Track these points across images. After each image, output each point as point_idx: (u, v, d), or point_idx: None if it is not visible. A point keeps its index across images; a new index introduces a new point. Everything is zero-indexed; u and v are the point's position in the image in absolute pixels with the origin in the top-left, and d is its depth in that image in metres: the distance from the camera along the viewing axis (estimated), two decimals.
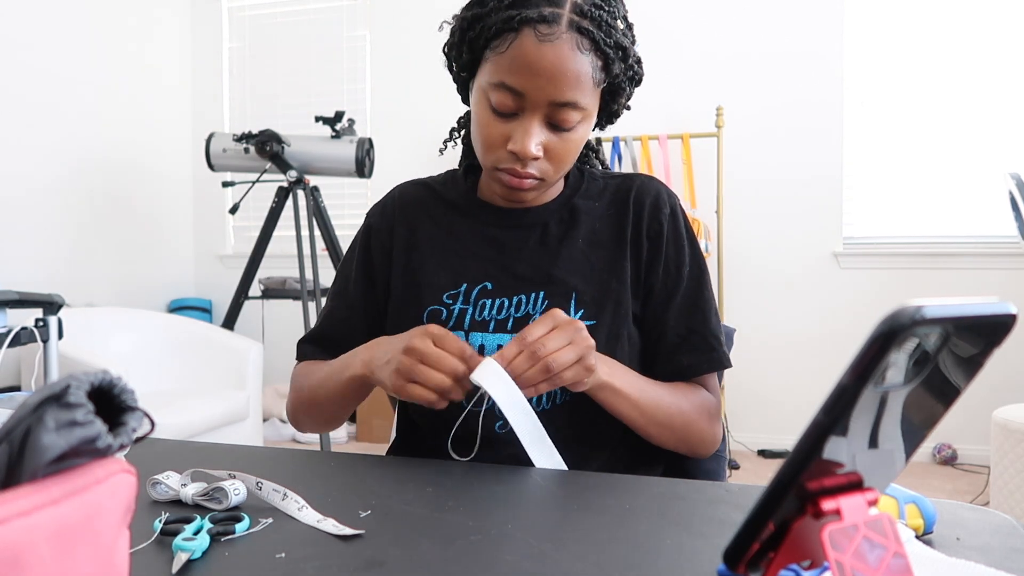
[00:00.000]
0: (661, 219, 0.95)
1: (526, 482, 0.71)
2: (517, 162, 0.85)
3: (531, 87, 0.81)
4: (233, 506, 0.63)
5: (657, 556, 0.53)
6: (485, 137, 0.87)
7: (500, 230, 0.96)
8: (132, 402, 0.36)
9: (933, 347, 0.37)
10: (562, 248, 0.94)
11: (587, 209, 0.97)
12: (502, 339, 0.90)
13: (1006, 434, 2.34)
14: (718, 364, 0.94)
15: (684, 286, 0.95)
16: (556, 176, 0.88)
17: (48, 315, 2.08)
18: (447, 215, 0.99)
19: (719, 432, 0.95)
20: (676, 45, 3.62)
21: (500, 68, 0.82)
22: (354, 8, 4.04)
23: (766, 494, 0.39)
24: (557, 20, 0.80)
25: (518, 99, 0.82)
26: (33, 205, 3.32)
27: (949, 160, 3.38)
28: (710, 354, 0.93)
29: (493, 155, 0.87)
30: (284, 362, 4.11)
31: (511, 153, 0.84)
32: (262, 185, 3.30)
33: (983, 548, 0.55)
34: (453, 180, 1.02)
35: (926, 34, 3.39)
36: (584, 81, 0.82)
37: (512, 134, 0.84)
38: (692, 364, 0.93)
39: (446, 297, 0.94)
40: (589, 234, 0.95)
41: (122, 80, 3.79)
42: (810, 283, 3.52)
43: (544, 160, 0.86)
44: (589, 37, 0.81)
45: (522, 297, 0.92)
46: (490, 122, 0.85)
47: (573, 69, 0.80)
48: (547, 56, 0.80)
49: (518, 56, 0.81)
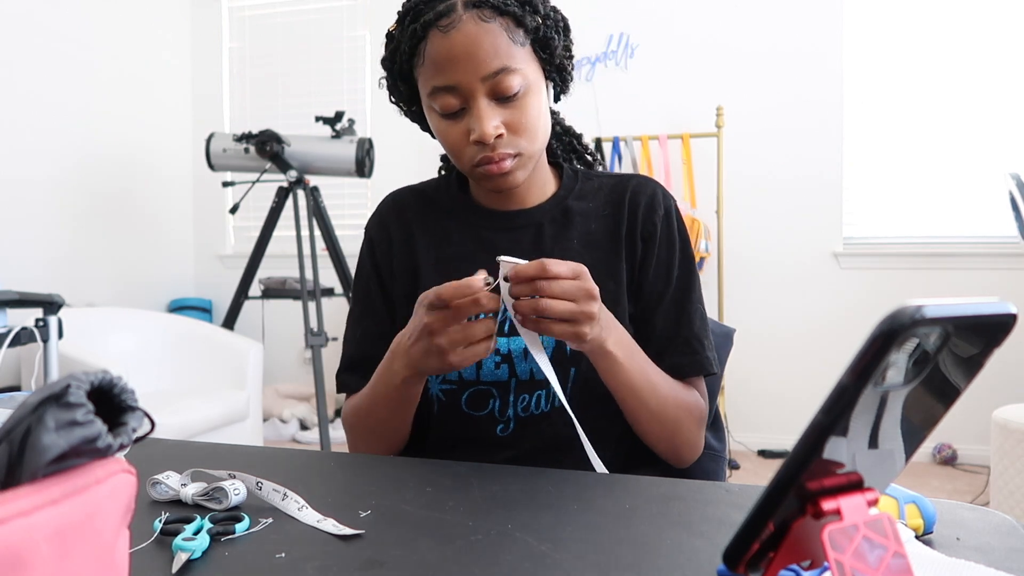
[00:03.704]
0: (655, 220, 0.95)
1: (526, 482, 0.71)
2: (485, 149, 0.86)
3: (458, 76, 0.83)
4: (233, 506, 0.63)
5: (657, 556, 0.53)
6: (450, 144, 0.88)
7: (493, 232, 0.96)
8: (132, 402, 0.36)
9: (933, 347, 0.37)
10: (556, 249, 0.94)
11: (581, 210, 0.96)
12: (499, 342, 0.90)
13: (1006, 434, 2.34)
14: (700, 367, 0.93)
15: (672, 287, 0.94)
16: (532, 148, 0.88)
17: (48, 315, 2.09)
18: (440, 221, 0.99)
19: (702, 441, 0.93)
20: (676, 45, 3.62)
21: (427, 77, 0.86)
22: (354, 8, 4.04)
23: (766, 494, 0.39)
24: (452, 8, 0.83)
25: (455, 94, 0.85)
26: (33, 205, 3.32)
27: (949, 160, 3.38)
28: (693, 356, 0.92)
29: (465, 156, 0.88)
30: (284, 362, 4.11)
31: (476, 144, 0.86)
32: (262, 185, 3.30)
33: (983, 548, 0.55)
34: (446, 186, 1.03)
35: (926, 34, 3.39)
36: (501, 46, 0.83)
37: (469, 127, 0.86)
38: (676, 365, 0.92)
39: None
40: (584, 235, 0.95)
41: (122, 80, 3.79)
42: (810, 283, 3.52)
43: (510, 135, 0.86)
44: (487, 6, 0.83)
45: None
46: (447, 128, 0.88)
47: (486, 40, 0.83)
48: (456, 42, 0.83)
49: (434, 56, 0.84)
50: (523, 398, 0.90)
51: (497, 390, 0.91)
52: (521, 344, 0.89)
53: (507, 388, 0.91)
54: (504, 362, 0.90)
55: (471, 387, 0.91)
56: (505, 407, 0.91)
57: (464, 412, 0.92)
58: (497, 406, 0.91)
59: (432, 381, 0.93)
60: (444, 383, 0.93)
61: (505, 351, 0.90)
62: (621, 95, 3.65)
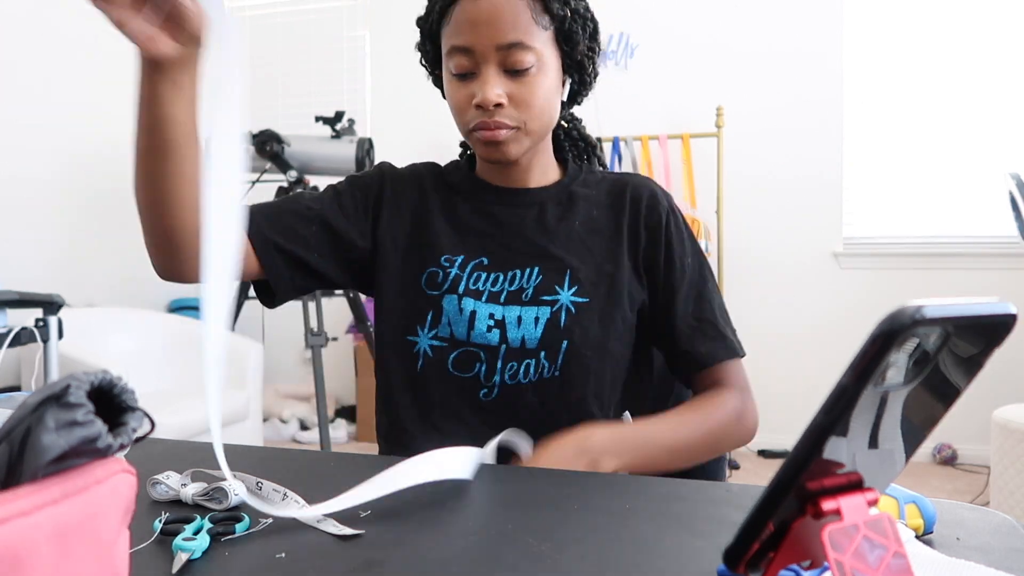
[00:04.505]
0: (660, 211, 0.97)
1: (526, 482, 0.71)
2: (485, 114, 0.88)
3: (475, 39, 0.87)
4: (233, 506, 0.63)
5: (657, 556, 0.53)
6: (455, 103, 0.91)
7: (498, 207, 0.99)
8: (132, 402, 0.36)
9: (933, 347, 0.37)
10: (559, 228, 0.96)
11: (585, 196, 0.99)
12: (494, 309, 0.92)
13: (1006, 434, 2.34)
14: (733, 351, 0.95)
15: (688, 277, 0.96)
16: (531, 125, 0.90)
17: (48, 315, 2.09)
18: (449, 195, 1.01)
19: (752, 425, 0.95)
20: (676, 45, 3.62)
21: (449, 36, 0.90)
22: (354, 8, 4.04)
23: (766, 494, 0.39)
24: None
25: (470, 56, 0.88)
26: (33, 205, 3.32)
27: (949, 160, 3.38)
28: (724, 341, 0.95)
29: (464, 117, 0.91)
30: (284, 362, 4.11)
31: (477, 108, 0.88)
32: (262, 185, 3.30)
33: (983, 548, 0.55)
34: (456, 167, 1.06)
35: (926, 33, 3.39)
36: (523, 21, 0.87)
37: (474, 91, 0.89)
38: (710, 351, 0.94)
39: (443, 259, 0.96)
40: (587, 220, 0.97)
41: (122, 80, 3.78)
42: (810, 283, 3.52)
43: (511, 107, 0.88)
44: None
45: (516, 272, 0.94)
46: (455, 89, 0.91)
47: (509, 12, 0.86)
48: (482, 8, 0.86)
49: (459, 18, 0.88)
50: (511, 365, 0.91)
51: (486, 354, 0.92)
52: (515, 312, 0.92)
53: (496, 353, 0.92)
54: (496, 327, 0.91)
55: (461, 347, 0.92)
56: (492, 372, 0.92)
57: (449, 373, 0.93)
58: (484, 370, 0.92)
59: (422, 335, 0.94)
60: (435, 339, 0.93)
61: (500, 318, 0.92)
62: (621, 95, 3.64)
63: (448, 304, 0.94)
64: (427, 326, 0.94)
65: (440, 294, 0.94)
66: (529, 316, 0.92)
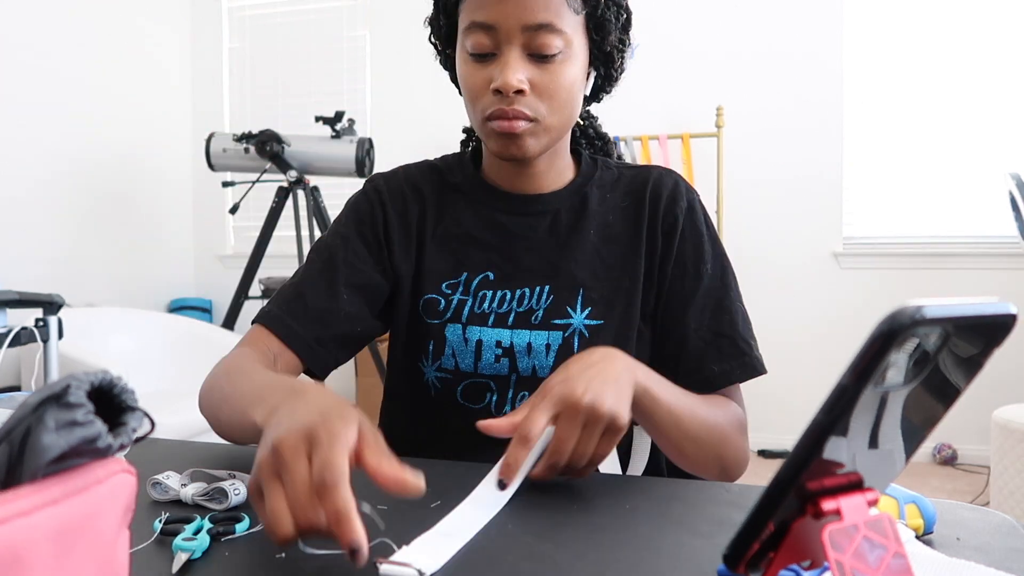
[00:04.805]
0: (676, 212, 0.89)
1: (526, 482, 0.71)
2: (503, 101, 0.79)
3: (500, 15, 0.78)
4: (233, 506, 0.63)
5: (657, 556, 0.53)
6: (469, 87, 0.82)
7: (507, 216, 0.90)
8: (132, 402, 0.36)
9: (933, 347, 0.37)
10: (572, 240, 0.89)
11: (600, 199, 0.91)
12: (501, 335, 0.86)
13: (1006, 434, 2.34)
14: (751, 370, 0.85)
15: (705, 285, 0.88)
16: (551, 119, 0.82)
17: (48, 315, 2.08)
18: (451, 199, 0.93)
19: (748, 452, 0.85)
20: (676, 45, 3.61)
21: (470, 9, 0.81)
22: (354, 8, 4.04)
23: (766, 494, 0.39)
24: None
25: (492, 34, 0.79)
26: (33, 205, 3.32)
27: (949, 160, 3.38)
28: (742, 359, 0.85)
29: (480, 104, 0.81)
30: None
31: (495, 93, 0.79)
32: (262, 185, 3.30)
33: (983, 548, 0.55)
34: (459, 163, 0.96)
35: (926, 34, 3.39)
36: (555, 2, 0.78)
37: (493, 75, 0.80)
38: (724, 371, 0.85)
39: (445, 287, 0.89)
40: (602, 227, 0.90)
41: (122, 80, 3.79)
42: (810, 283, 3.52)
43: (533, 97, 0.80)
44: None
45: (525, 291, 0.87)
46: (471, 71, 0.81)
47: None
48: None
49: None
50: (523, 395, 0.86)
51: (496, 384, 0.87)
52: (525, 338, 0.86)
53: (507, 383, 0.87)
54: (505, 356, 0.86)
55: (467, 379, 0.87)
56: (503, 402, 0.87)
57: (459, 403, 0.88)
58: (495, 400, 0.87)
59: (427, 366, 0.89)
60: (439, 371, 0.88)
61: (508, 344, 0.86)
62: (621, 95, 3.64)
63: (451, 334, 0.87)
64: (430, 358, 0.88)
65: (442, 323, 0.88)
66: (540, 342, 0.85)
